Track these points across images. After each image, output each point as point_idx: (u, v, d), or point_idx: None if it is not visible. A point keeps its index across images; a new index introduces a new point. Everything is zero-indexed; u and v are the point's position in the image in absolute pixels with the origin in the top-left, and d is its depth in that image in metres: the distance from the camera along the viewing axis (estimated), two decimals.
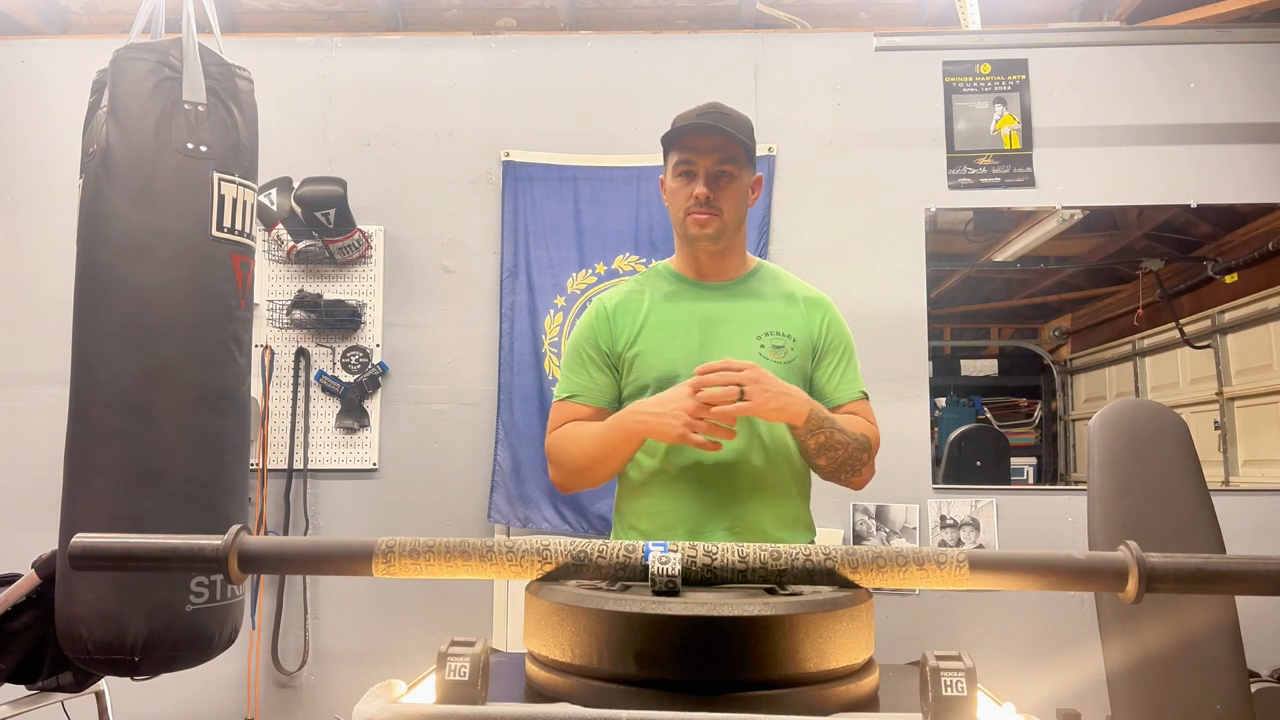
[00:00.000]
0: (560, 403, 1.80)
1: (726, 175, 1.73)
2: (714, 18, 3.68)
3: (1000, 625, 3.24)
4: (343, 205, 3.23)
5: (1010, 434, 5.11)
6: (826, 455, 1.68)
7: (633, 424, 1.63)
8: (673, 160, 1.77)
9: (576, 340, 1.83)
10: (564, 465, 1.75)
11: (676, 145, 1.75)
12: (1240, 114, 3.41)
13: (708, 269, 1.81)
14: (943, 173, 3.45)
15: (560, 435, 1.76)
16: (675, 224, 1.80)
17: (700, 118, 1.74)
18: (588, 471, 1.74)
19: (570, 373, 1.81)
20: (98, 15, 3.73)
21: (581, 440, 1.72)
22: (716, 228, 1.74)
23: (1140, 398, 4.90)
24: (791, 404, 1.60)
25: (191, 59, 2.14)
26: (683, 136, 1.73)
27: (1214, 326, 4.44)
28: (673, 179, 1.77)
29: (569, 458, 1.74)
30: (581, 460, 1.72)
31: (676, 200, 1.77)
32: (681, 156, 1.74)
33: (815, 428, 1.63)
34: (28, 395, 3.43)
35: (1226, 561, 0.96)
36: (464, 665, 0.90)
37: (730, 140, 1.72)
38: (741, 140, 1.74)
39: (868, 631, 1.04)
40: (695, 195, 1.72)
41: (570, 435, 1.74)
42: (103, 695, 2.44)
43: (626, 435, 1.65)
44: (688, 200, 1.73)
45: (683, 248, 1.83)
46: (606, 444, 1.68)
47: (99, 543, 1.00)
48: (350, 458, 3.43)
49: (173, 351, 2.10)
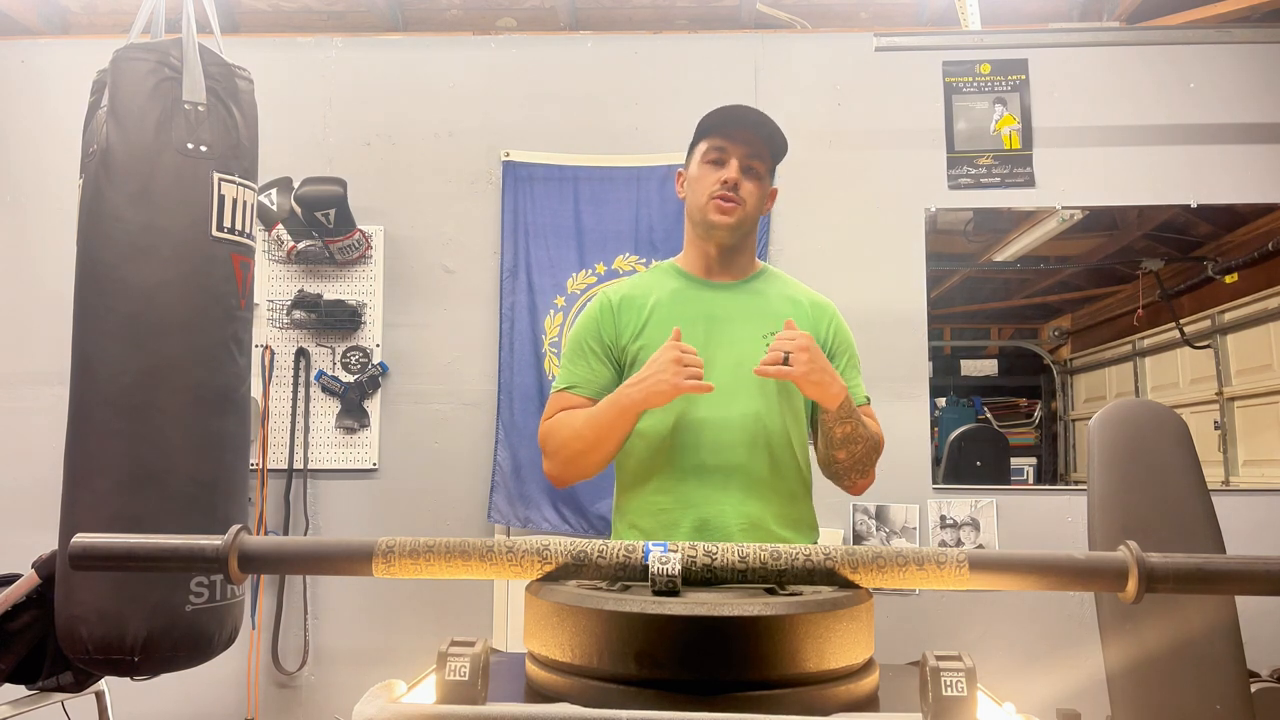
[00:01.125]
0: (557, 393, 1.79)
1: (754, 172, 1.76)
2: (714, 18, 3.68)
3: (1000, 625, 3.24)
4: (343, 205, 3.24)
5: (1010, 434, 5.11)
6: (849, 447, 1.68)
7: (625, 399, 1.61)
8: (702, 148, 1.77)
9: (579, 332, 1.81)
10: (556, 453, 1.73)
11: (712, 133, 1.76)
12: (1240, 114, 3.41)
13: (716, 267, 1.81)
14: (943, 173, 3.45)
15: (553, 423, 1.74)
16: (694, 212, 1.79)
17: (737, 112, 1.76)
18: (580, 458, 1.70)
19: (570, 364, 1.79)
20: (98, 15, 3.73)
21: (574, 424, 1.69)
22: (739, 217, 1.75)
23: (1140, 398, 4.90)
24: (832, 384, 1.61)
25: (191, 59, 2.14)
26: (721, 124, 1.75)
27: (1214, 326, 4.45)
28: (699, 165, 1.77)
29: (560, 443, 1.71)
30: (574, 445, 1.69)
31: (701, 186, 1.76)
32: (714, 143, 1.75)
33: (846, 415, 1.64)
34: (28, 395, 3.43)
35: (1226, 561, 0.96)
36: (464, 665, 0.90)
37: (762, 139, 1.75)
38: (776, 144, 1.77)
39: (868, 631, 1.04)
40: (724, 180, 1.72)
41: (562, 422, 1.72)
42: (103, 695, 2.44)
43: (620, 411, 1.62)
44: (714, 184, 1.73)
45: (694, 242, 1.83)
46: (599, 425, 1.65)
47: (99, 543, 1.00)
48: (350, 458, 3.43)
49: (173, 351, 2.10)
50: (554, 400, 1.79)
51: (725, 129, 1.75)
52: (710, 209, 1.74)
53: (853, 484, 1.77)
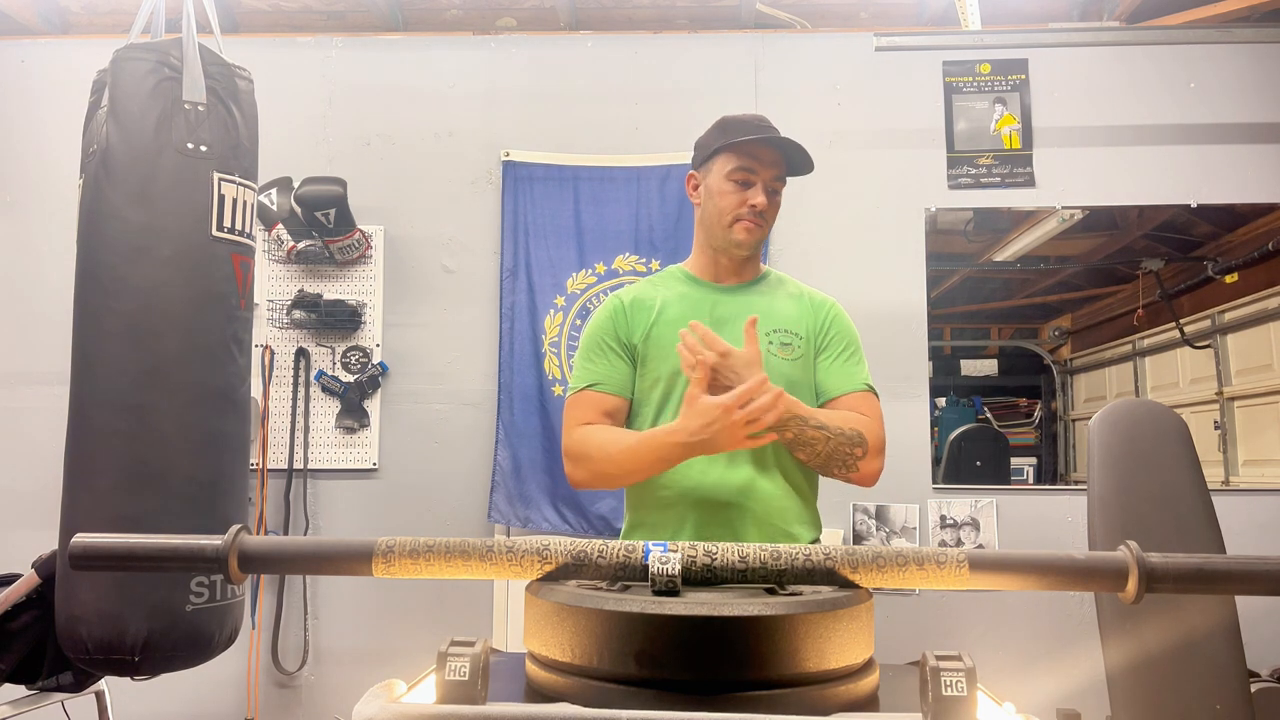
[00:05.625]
0: (579, 393, 1.77)
1: (777, 194, 1.80)
2: (714, 18, 3.68)
3: (1000, 625, 3.24)
4: (343, 205, 3.24)
5: (1010, 434, 5.11)
6: (802, 450, 1.67)
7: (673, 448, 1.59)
8: (727, 164, 1.77)
9: (595, 332, 1.81)
10: (589, 469, 1.72)
11: (742, 151, 1.76)
12: (1240, 114, 3.41)
13: (724, 272, 1.85)
14: (943, 173, 3.44)
15: (587, 437, 1.72)
16: (713, 226, 1.80)
17: (762, 129, 1.77)
18: (613, 479, 1.75)
19: (589, 362, 1.79)
20: (98, 15, 3.73)
21: (609, 449, 1.69)
22: (759, 238, 1.80)
23: (1140, 398, 4.90)
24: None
25: (191, 59, 2.14)
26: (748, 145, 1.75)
27: (1214, 326, 4.44)
28: (723, 181, 1.77)
29: (591, 458, 1.71)
30: (608, 468, 1.70)
31: (724, 203, 1.77)
32: (742, 164, 1.76)
33: (781, 426, 1.61)
34: (28, 395, 3.43)
35: (1226, 561, 0.96)
36: (464, 665, 0.90)
37: (786, 160, 1.78)
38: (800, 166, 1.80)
39: (868, 631, 1.04)
40: (754, 204, 1.75)
41: (599, 442, 1.71)
42: (103, 695, 2.44)
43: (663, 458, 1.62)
44: (740, 206, 1.76)
45: (705, 249, 1.85)
46: (639, 458, 1.65)
47: (99, 543, 1.00)
48: (350, 458, 3.43)
49: (173, 351, 2.10)
50: (578, 402, 1.77)
51: (754, 150, 1.76)
52: (738, 230, 1.77)
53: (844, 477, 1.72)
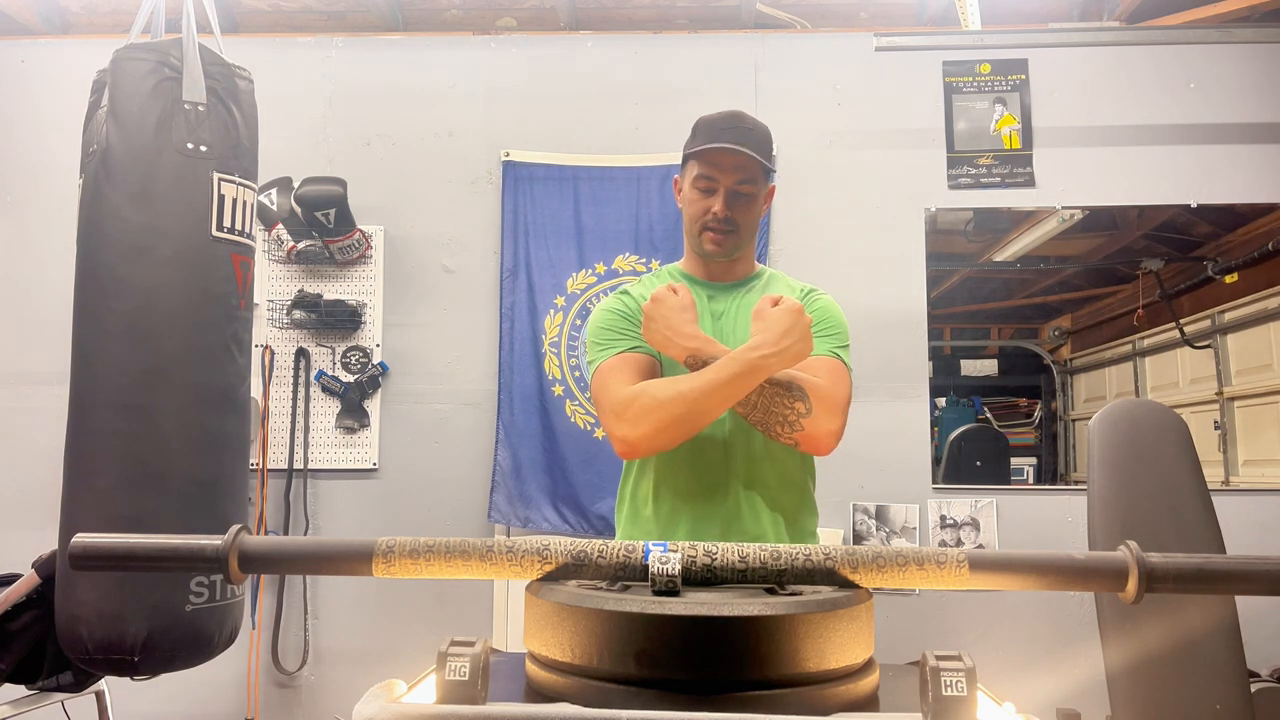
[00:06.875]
0: (615, 358, 1.70)
1: (745, 196, 1.75)
2: (714, 18, 3.68)
3: (1000, 625, 3.24)
4: (343, 205, 3.24)
5: (1010, 434, 5.12)
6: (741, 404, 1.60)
7: (755, 364, 1.54)
8: (693, 171, 1.77)
9: (607, 316, 1.79)
10: (653, 420, 1.59)
11: (698, 158, 1.74)
12: (1240, 114, 3.41)
13: (717, 273, 1.85)
14: (943, 173, 3.44)
15: (644, 389, 1.61)
16: (689, 231, 1.81)
17: (724, 132, 1.73)
18: (682, 425, 1.59)
19: (612, 334, 1.74)
20: (98, 15, 3.73)
21: (679, 387, 1.58)
22: (730, 245, 1.77)
23: (1140, 398, 4.90)
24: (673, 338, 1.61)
25: (191, 59, 2.14)
26: (705, 153, 1.73)
27: (1214, 326, 4.45)
28: (690, 188, 1.78)
29: (663, 412, 1.58)
30: (678, 410, 1.57)
31: (693, 211, 1.77)
32: (703, 171, 1.74)
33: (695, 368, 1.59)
34: (28, 395, 3.43)
35: (1226, 561, 0.96)
36: (464, 665, 0.90)
37: (748, 155, 1.73)
38: (763, 150, 1.76)
39: (868, 631, 1.04)
40: (714, 212, 1.73)
41: (661, 385, 1.61)
42: (103, 695, 2.44)
43: (743, 380, 1.55)
44: (704, 215, 1.74)
45: (693, 254, 1.86)
46: (718, 390, 1.55)
47: (99, 543, 1.00)
48: (350, 458, 3.43)
49: (173, 351, 2.10)
50: (617, 365, 1.69)
51: (713, 156, 1.72)
52: (704, 240, 1.76)
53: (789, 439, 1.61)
